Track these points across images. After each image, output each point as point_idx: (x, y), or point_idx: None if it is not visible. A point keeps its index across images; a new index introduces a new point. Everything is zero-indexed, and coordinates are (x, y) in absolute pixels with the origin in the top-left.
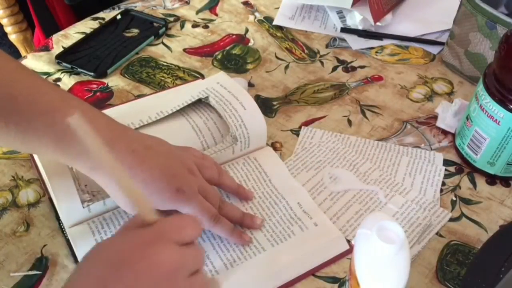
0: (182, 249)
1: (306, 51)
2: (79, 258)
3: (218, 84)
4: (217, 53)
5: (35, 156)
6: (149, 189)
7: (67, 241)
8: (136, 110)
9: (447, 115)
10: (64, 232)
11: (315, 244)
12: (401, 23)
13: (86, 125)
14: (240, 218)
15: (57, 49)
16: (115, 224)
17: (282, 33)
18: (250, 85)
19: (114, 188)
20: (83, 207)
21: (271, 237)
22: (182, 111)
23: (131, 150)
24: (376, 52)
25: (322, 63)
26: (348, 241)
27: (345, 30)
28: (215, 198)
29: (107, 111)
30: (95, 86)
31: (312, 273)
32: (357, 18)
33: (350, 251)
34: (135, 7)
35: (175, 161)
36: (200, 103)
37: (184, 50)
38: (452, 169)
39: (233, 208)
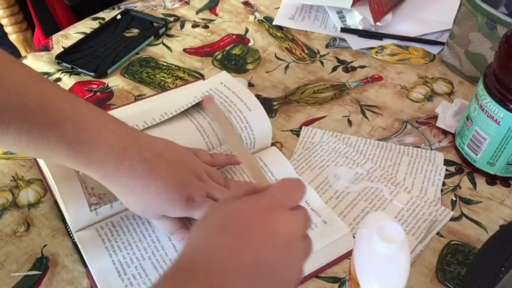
0: (294, 214)
1: (306, 51)
2: (88, 262)
3: (222, 84)
4: (217, 53)
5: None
6: (161, 198)
7: (74, 244)
8: (140, 111)
9: (447, 115)
10: (71, 234)
11: (326, 242)
12: (401, 23)
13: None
14: None
15: (57, 49)
16: (124, 231)
17: (282, 33)
18: (250, 85)
19: (127, 195)
20: (91, 211)
21: None
22: (186, 112)
23: (142, 158)
24: (376, 52)
25: (322, 63)
26: None
27: (345, 30)
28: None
29: (111, 113)
30: (95, 86)
31: (324, 269)
32: (357, 18)
33: None
34: (135, 7)
35: (184, 169)
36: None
37: (184, 50)
38: (452, 169)
39: None
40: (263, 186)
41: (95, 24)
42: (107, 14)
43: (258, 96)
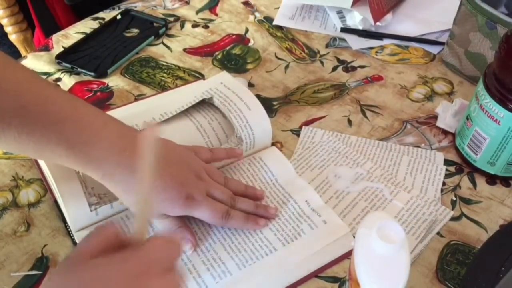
0: (167, 279)
1: (306, 51)
2: None
3: (222, 84)
4: (217, 53)
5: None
6: (161, 197)
7: (74, 244)
8: (140, 111)
9: (447, 115)
10: (71, 234)
11: (326, 242)
12: (401, 23)
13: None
14: (253, 210)
15: (57, 49)
16: (124, 231)
17: (282, 33)
18: (250, 85)
19: (127, 194)
20: (91, 211)
21: (281, 236)
22: (186, 112)
23: None
24: (376, 52)
25: (322, 63)
26: None
27: (345, 30)
28: (225, 196)
29: (111, 113)
30: (95, 86)
31: (324, 269)
32: (357, 18)
33: None
34: (135, 7)
35: (184, 168)
36: (204, 103)
37: (184, 50)
38: (452, 169)
39: (245, 201)
40: (136, 238)
41: (95, 24)
42: (107, 14)
43: (258, 96)
